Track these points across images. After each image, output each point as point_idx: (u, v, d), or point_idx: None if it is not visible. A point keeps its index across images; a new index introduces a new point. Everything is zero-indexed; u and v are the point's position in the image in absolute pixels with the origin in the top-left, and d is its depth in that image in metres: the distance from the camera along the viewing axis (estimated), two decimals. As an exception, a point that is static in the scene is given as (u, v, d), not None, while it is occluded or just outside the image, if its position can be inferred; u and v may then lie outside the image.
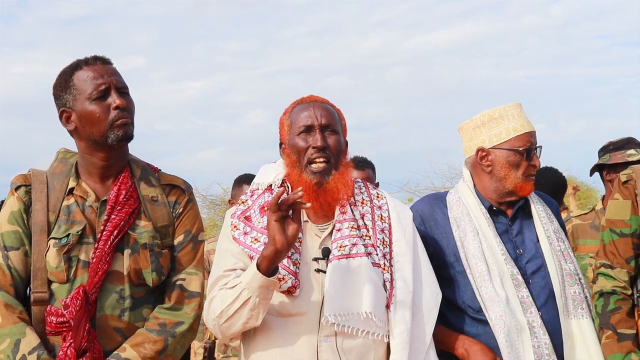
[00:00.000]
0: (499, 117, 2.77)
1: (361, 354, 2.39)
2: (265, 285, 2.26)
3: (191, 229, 2.51)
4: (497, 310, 2.58)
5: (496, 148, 2.76)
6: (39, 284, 2.34)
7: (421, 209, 2.84)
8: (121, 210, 2.39)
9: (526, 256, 2.74)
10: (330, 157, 2.47)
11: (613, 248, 2.63)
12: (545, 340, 2.58)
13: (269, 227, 2.24)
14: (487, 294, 2.61)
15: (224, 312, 2.32)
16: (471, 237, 2.71)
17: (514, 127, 2.75)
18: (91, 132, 2.38)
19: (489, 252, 2.68)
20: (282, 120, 2.58)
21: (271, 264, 2.25)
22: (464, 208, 2.79)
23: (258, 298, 2.27)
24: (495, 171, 2.77)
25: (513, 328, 2.57)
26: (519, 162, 2.74)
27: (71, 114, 2.40)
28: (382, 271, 2.45)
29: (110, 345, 2.33)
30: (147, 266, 2.39)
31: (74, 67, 2.42)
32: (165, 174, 2.58)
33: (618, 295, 2.59)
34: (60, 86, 2.42)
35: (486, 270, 2.65)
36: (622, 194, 2.65)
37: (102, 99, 2.37)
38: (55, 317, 2.30)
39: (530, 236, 2.79)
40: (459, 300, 2.70)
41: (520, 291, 2.63)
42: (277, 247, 2.22)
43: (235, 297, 2.29)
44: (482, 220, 2.75)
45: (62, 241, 2.34)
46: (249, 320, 2.31)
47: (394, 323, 2.42)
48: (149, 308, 2.42)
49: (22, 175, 2.46)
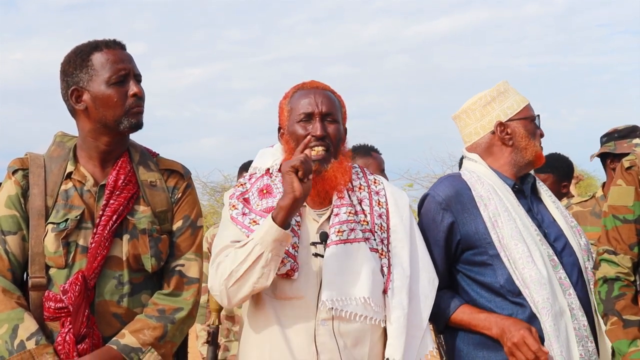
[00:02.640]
0: (505, 91, 2.80)
1: (357, 338, 2.40)
2: (280, 238, 2.26)
3: (190, 214, 2.50)
4: (544, 292, 2.51)
5: (512, 120, 2.77)
6: (36, 269, 2.32)
7: (444, 193, 2.68)
8: (120, 195, 2.37)
9: (552, 235, 2.70)
10: (330, 146, 2.46)
11: (616, 234, 2.60)
12: (584, 321, 2.56)
13: (285, 178, 2.28)
14: (530, 275, 2.53)
15: (234, 272, 2.31)
16: (505, 216, 2.61)
17: (520, 98, 2.80)
18: (104, 115, 2.36)
19: (526, 231, 2.60)
20: (282, 105, 2.57)
21: (288, 215, 2.27)
22: (489, 187, 2.69)
23: (271, 254, 2.27)
24: (517, 142, 2.75)
25: (558, 311, 2.53)
26: (534, 130, 2.78)
27: (83, 93, 2.38)
28: (380, 256, 2.46)
29: (109, 331, 2.32)
30: (146, 252, 2.37)
31: (93, 47, 2.40)
32: (163, 158, 2.57)
33: (622, 282, 2.55)
34: (74, 63, 2.39)
35: (527, 251, 2.56)
36: (625, 180, 2.63)
37: (120, 85, 2.37)
38: (54, 303, 2.29)
39: (547, 215, 2.77)
40: (495, 285, 2.59)
41: (558, 272, 2.59)
42: (295, 194, 2.25)
43: (247, 254, 2.29)
44: (511, 199, 2.68)
45: (60, 226, 2.32)
46: (259, 279, 2.30)
47: (391, 308, 2.43)
48: (147, 294, 2.40)
49: (20, 158, 2.44)
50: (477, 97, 2.80)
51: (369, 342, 2.42)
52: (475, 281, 2.65)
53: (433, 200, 2.69)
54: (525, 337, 2.46)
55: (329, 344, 2.35)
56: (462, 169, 2.84)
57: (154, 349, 2.30)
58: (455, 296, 2.67)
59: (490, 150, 2.78)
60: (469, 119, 2.82)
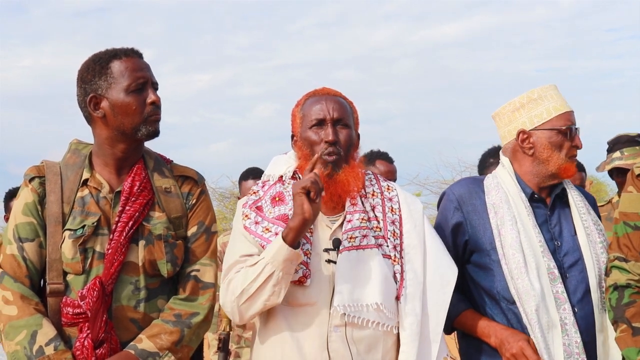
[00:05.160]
0: (538, 98, 2.71)
1: (370, 344, 2.41)
2: (291, 258, 2.28)
3: (204, 220, 2.52)
4: (533, 304, 2.53)
5: (538, 129, 2.70)
6: (54, 276, 2.34)
7: (459, 192, 2.76)
8: (135, 201, 2.40)
9: (564, 249, 2.68)
10: (341, 151, 2.48)
11: (627, 241, 2.60)
12: (576, 338, 2.54)
13: (296, 199, 2.28)
14: (523, 286, 2.55)
15: (245, 290, 2.33)
16: (509, 225, 2.63)
17: (554, 106, 2.70)
18: (122, 123, 2.39)
19: (527, 242, 2.61)
20: (295, 113, 2.59)
21: (297, 235, 2.29)
22: (503, 194, 2.71)
23: (282, 272, 2.29)
24: (538, 153, 2.71)
25: (545, 324, 2.53)
26: (562, 142, 2.69)
27: (101, 100, 2.40)
28: (393, 263, 2.47)
29: (126, 336, 2.34)
30: (162, 257, 2.40)
31: (112, 55, 2.42)
32: (177, 165, 2.59)
33: (632, 289, 2.55)
34: (92, 71, 2.41)
35: (523, 262, 2.58)
36: (635, 187, 2.63)
37: (138, 92, 2.39)
38: (72, 309, 2.31)
39: (568, 227, 2.73)
40: (493, 290, 2.64)
41: (556, 286, 2.58)
42: (305, 216, 2.26)
43: (258, 273, 2.31)
44: (521, 208, 2.68)
45: (77, 232, 2.35)
46: (270, 297, 2.32)
47: (404, 314, 2.44)
48: (163, 299, 2.43)
49: (36, 166, 2.46)
50: (510, 102, 2.76)
51: (382, 349, 2.43)
52: (478, 285, 2.69)
53: (447, 198, 2.78)
54: (524, 348, 2.50)
55: (341, 351, 2.36)
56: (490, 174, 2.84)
57: (171, 354, 2.32)
58: (463, 299, 2.71)
59: (515, 156, 2.78)
60: (500, 122, 2.81)
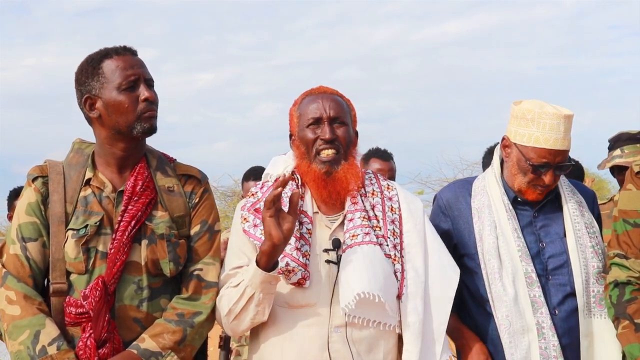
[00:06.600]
0: (530, 120, 2.64)
1: (371, 344, 2.41)
2: (267, 280, 2.29)
3: (207, 219, 2.52)
4: (504, 309, 2.59)
5: (516, 145, 2.69)
6: (57, 275, 2.35)
7: (446, 197, 2.83)
8: (138, 200, 2.40)
9: (549, 251, 2.69)
10: (340, 148, 2.49)
11: (627, 238, 2.61)
12: (554, 342, 2.56)
13: (265, 223, 2.27)
14: (496, 292, 2.61)
15: (232, 310, 2.36)
16: (488, 231, 2.68)
17: (536, 137, 2.63)
18: (117, 122, 2.39)
19: (505, 248, 2.65)
20: (292, 112, 2.60)
21: (270, 259, 2.28)
22: (486, 198, 2.75)
23: (262, 293, 2.30)
24: (509, 165, 2.74)
25: (519, 329, 2.57)
26: (526, 170, 2.67)
27: (96, 101, 2.41)
28: (393, 262, 2.47)
29: (129, 335, 2.35)
30: (165, 256, 2.40)
31: (103, 54, 2.42)
32: (180, 164, 2.59)
33: (633, 286, 2.56)
34: (86, 72, 2.42)
35: (498, 267, 2.63)
36: (635, 185, 2.64)
37: (130, 90, 2.39)
38: (75, 308, 2.32)
39: (557, 230, 2.73)
40: (477, 294, 2.70)
41: (532, 290, 2.60)
42: (273, 241, 2.25)
43: (240, 295, 2.33)
44: (502, 213, 2.70)
45: (80, 232, 2.35)
46: (255, 316, 2.35)
47: (405, 313, 2.44)
48: (166, 298, 2.43)
49: (39, 166, 2.47)
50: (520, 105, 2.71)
51: (383, 349, 2.43)
52: (466, 288, 2.72)
53: (436, 203, 2.86)
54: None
55: (342, 351, 2.36)
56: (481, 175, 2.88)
57: (173, 353, 2.32)
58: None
59: (504, 154, 2.80)
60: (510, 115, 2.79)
